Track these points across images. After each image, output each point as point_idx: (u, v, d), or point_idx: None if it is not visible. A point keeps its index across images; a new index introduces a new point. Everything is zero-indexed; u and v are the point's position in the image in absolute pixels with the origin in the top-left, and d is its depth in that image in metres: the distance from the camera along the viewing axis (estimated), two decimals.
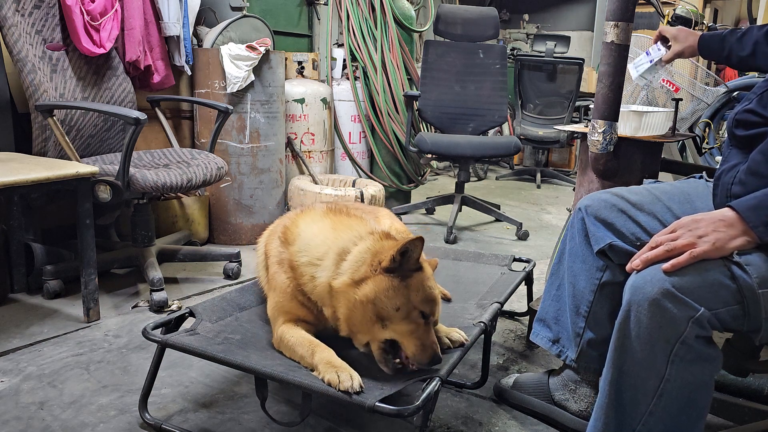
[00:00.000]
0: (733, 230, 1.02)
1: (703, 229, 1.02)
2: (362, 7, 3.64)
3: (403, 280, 1.21)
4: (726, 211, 1.04)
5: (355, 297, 1.21)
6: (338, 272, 1.26)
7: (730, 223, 1.02)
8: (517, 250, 3.05)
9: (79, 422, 1.43)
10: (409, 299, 1.20)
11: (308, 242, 1.34)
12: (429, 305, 1.22)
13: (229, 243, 2.91)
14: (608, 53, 1.66)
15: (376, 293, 1.20)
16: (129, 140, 1.95)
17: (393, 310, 1.20)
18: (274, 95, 2.92)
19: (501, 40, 6.26)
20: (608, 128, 1.68)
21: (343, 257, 1.27)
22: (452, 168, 5.65)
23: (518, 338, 2.02)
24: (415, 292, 1.21)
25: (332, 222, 1.37)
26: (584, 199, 1.40)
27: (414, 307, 1.20)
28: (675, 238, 1.03)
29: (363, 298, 1.21)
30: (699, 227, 1.03)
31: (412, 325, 1.21)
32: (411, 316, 1.20)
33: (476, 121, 3.69)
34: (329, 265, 1.28)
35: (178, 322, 1.46)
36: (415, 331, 1.21)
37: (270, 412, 1.32)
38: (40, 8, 2.20)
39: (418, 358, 1.20)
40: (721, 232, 1.01)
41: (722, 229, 1.02)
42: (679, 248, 1.02)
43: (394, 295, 1.20)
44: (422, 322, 1.21)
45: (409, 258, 1.22)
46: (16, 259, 2.20)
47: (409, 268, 1.22)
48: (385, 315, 1.21)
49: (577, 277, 1.40)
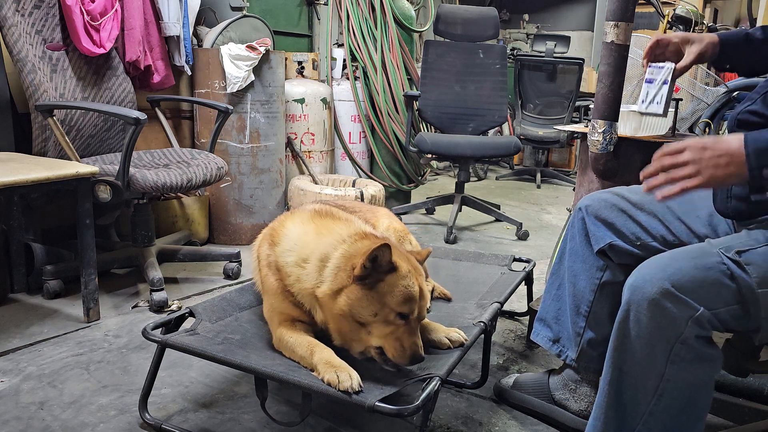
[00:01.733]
0: (731, 168, 1.00)
1: (706, 161, 1.01)
2: (362, 7, 3.64)
3: (375, 286, 1.20)
4: (735, 142, 1.01)
5: (334, 311, 1.23)
6: (321, 279, 1.26)
7: (731, 161, 1.00)
8: (517, 250, 3.05)
9: (79, 422, 1.43)
10: (385, 303, 1.20)
11: (293, 244, 1.35)
12: (407, 305, 1.21)
13: (229, 243, 2.91)
14: (608, 53, 1.66)
15: (350, 305, 1.21)
16: (129, 140, 1.95)
17: (371, 317, 1.21)
18: (274, 95, 2.92)
19: (501, 40, 6.26)
20: (608, 128, 1.68)
21: (325, 263, 1.27)
22: (452, 168, 5.65)
23: (518, 338, 2.02)
24: (390, 295, 1.20)
25: (316, 226, 1.36)
26: (584, 198, 1.40)
27: (391, 310, 1.20)
28: (677, 163, 1.03)
29: (340, 312, 1.22)
30: (702, 157, 1.01)
31: (390, 327, 1.20)
32: (389, 318, 1.20)
33: (476, 121, 3.69)
34: (312, 271, 1.28)
35: (178, 322, 1.46)
36: (394, 333, 1.20)
37: (270, 412, 1.32)
38: (40, 8, 2.20)
39: (398, 359, 1.20)
40: (720, 168, 1.00)
41: (722, 165, 1.00)
42: (677, 179, 1.02)
43: (369, 303, 1.20)
44: (402, 323, 1.21)
45: (380, 262, 1.20)
46: (16, 259, 2.20)
47: (382, 271, 1.21)
48: (365, 322, 1.21)
49: (578, 277, 1.40)
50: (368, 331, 1.22)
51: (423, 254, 1.39)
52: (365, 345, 1.24)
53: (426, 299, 1.27)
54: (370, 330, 1.22)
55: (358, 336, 1.24)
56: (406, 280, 1.22)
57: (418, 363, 1.22)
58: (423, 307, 1.25)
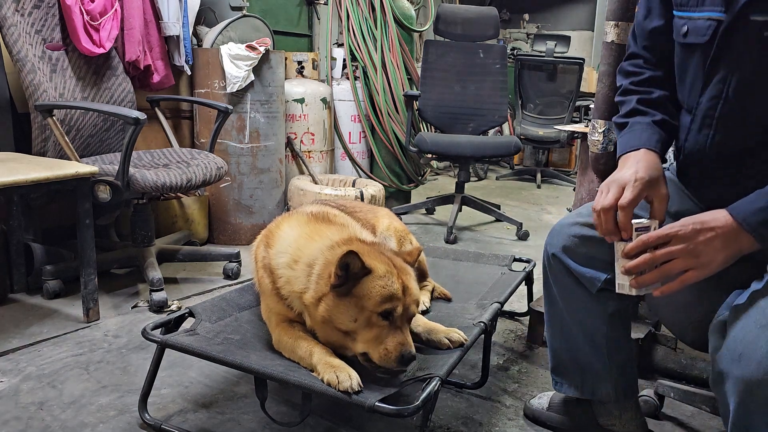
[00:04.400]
0: (733, 246, 0.94)
1: (702, 248, 0.95)
2: (362, 6, 3.64)
3: (350, 292, 1.19)
4: (721, 218, 0.95)
5: (317, 318, 1.23)
6: (308, 285, 1.26)
7: (728, 239, 0.94)
8: (518, 250, 3.05)
9: (79, 422, 1.43)
10: (363, 307, 1.18)
11: (286, 246, 1.35)
12: (387, 304, 1.18)
13: (229, 243, 2.91)
14: (608, 53, 1.66)
15: (329, 313, 1.20)
16: (129, 140, 1.94)
17: (351, 322, 1.19)
18: (274, 95, 2.92)
19: (501, 40, 6.26)
20: (608, 128, 1.68)
21: (312, 268, 1.27)
22: (452, 168, 5.65)
23: (518, 338, 2.02)
24: (367, 297, 1.18)
25: (310, 229, 1.36)
26: (551, 239, 1.32)
27: (371, 312, 1.18)
28: (670, 255, 0.97)
29: (322, 320, 1.22)
30: (696, 246, 0.95)
31: (374, 330, 1.19)
32: (372, 321, 1.18)
33: (476, 121, 3.69)
34: (301, 275, 1.28)
35: (178, 323, 1.46)
36: (378, 336, 1.18)
37: (270, 413, 1.32)
38: (40, 8, 2.20)
39: (383, 363, 1.18)
40: (720, 252, 0.94)
41: (720, 248, 0.94)
42: (673, 274, 0.97)
43: (346, 309, 1.19)
44: (385, 324, 1.18)
45: (353, 269, 1.19)
46: (15, 259, 2.20)
47: (356, 277, 1.20)
48: (347, 329, 1.20)
49: (582, 316, 1.33)
50: (353, 338, 1.21)
51: (414, 254, 1.37)
52: (352, 352, 1.22)
53: (413, 296, 1.23)
54: (354, 337, 1.20)
55: (344, 343, 1.23)
56: (383, 280, 1.20)
57: (409, 363, 1.18)
58: (410, 304, 1.22)
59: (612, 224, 1.05)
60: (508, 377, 1.74)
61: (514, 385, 1.70)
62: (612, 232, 1.05)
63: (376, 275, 1.20)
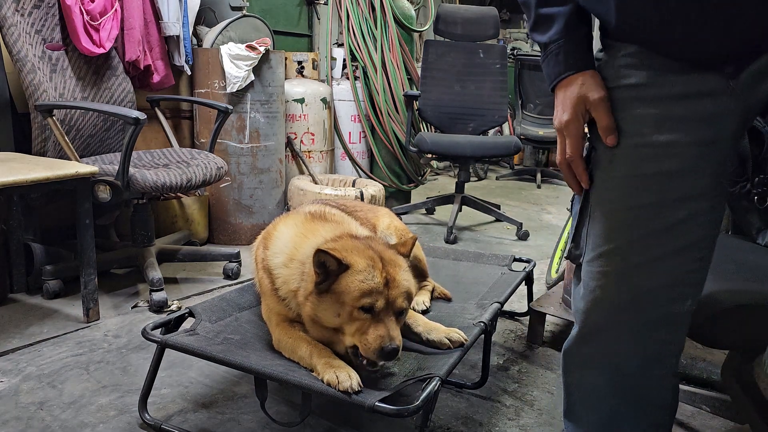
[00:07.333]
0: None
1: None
2: (362, 6, 3.64)
3: (330, 289, 1.21)
4: None
5: (307, 317, 1.25)
6: (300, 284, 1.28)
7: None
8: (518, 250, 3.05)
9: (79, 422, 1.43)
10: (344, 302, 1.19)
11: (283, 246, 1.36)
12: (367, 298, 1.18)
13: (229, 243, 2.91)
14: None
15: (314, 310, 1.23)
16: (128, 140, 1.94)
17: (335, 318, 1.21)
18: (274, 95, 2.92)
19: (501, 40, 6.26)
20: None
21: (304, 266, 1.29)
22: (452, 168, 5.65)
23: (518, 338, 2.02)
24: (346, 293, 1.19)
25: (306, 229, 1.38)
26: None
27: (352, 307, 1.19)
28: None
29: (309, 319, 1.25)
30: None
31: (356, 323, 1.20)
32: (354, 315, 1.20)
33: (476, 121, 3.69)
34: (296, 274, 1.30)
35: (178, 323, 1.46)
36: (361, 329, 1.19)
37: (270, 413, 1.32)
38: (40, 8, 2.20)
39: (365, 353, 1.18)
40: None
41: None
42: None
43: (328, 306, 1.21)
44: (367, 317, 1.19)
45: (329, 266, 1.20)
46: (15, 259, 2.20)
47: (334, 273, 1.21)
48: (333, 325, 1.22)
49: None
50: (342, 332, 1.22)
51: (407, 244, 1.37)
52: (344, 346, 1.23)
53: (399, 288, 1.22)
54: (343, 331, 1.22)
55: (335, 338, 1.24)
56: (362, 275, 1.20)
57: (392, 356, 1.17)
58: (396, 297, 1.21)
59: (572, 179, 0.98)
60: (508, 377, 1.74)
61: (514, 385, 1.70)
62: (576, 186, 0.99)
63: (355, 270, 1.21)
